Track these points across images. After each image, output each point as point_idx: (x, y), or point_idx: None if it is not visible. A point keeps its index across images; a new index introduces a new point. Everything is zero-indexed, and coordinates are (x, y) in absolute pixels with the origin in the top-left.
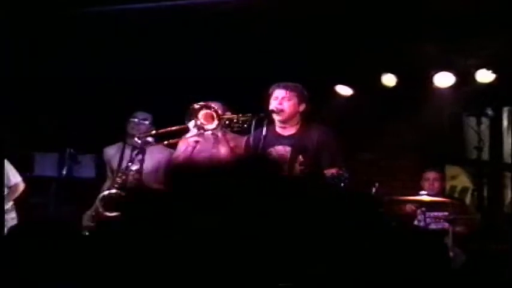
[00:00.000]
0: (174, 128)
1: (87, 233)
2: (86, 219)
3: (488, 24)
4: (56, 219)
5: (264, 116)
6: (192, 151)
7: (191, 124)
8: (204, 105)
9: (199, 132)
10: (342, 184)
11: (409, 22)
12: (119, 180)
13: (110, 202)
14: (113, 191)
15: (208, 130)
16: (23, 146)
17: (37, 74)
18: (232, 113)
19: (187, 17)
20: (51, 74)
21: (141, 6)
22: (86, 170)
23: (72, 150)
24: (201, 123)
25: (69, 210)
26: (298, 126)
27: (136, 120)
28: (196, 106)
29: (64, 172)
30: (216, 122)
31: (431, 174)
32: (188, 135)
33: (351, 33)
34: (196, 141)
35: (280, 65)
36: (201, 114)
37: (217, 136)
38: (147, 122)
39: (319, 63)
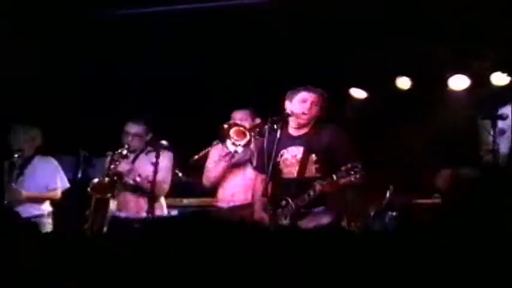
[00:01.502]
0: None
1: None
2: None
3: (503, 27)
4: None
5: (278, 118)
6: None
7: (228, 143)
8: (233, 123)
9: (234, 149)
10: (357, 176)
11: (423, 25)
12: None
13: (98, 187)
14: (103, 178)
15: (241, 145)
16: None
17: (52, 75)
18: (262, 119)
19: (199, 20)
20: (66, 75)
21: (153, 10)
22: (101, 173)
23: (86, 154)
24: (235, 140)
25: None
26: (309, 127)
27: (129, 136)
28: (226, 125)
29: (79, 175)
30: (247, 138)
31: None
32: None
33: (365, 35)
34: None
35: (296, 67)
36: (232, 132)
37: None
38: (140, 136)
39: (334, 66)
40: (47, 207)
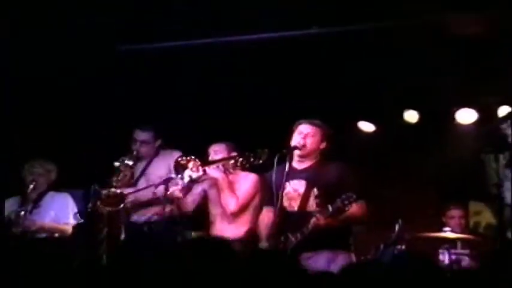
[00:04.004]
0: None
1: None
2: None
3: (510, 60)
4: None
5: (286, 152)
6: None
7: (186, 173)
8: (191, 158)
9: (190, 179)
10: (350, 206)
11: (430, 59)
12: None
13: (107, 199)
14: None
15: (197, 175)
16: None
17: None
18: (239, 152)
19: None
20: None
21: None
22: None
23: (97, 187)
24: (193, 170)
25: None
26: (315, 161)
27: (138, 143)
28: (184, 159)
29: (98, 204)
30: (201, 172)
31: (457, 212)
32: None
33: (373, 69)
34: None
35: (304, 100)
36: (191, 164)
37: (218, 181)
38: (148, 143)
39: (342, 99)
40: None
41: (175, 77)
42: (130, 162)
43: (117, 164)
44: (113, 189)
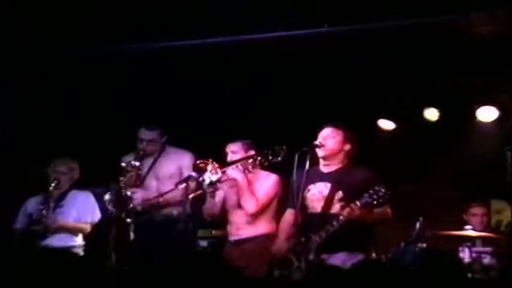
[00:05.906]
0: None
1: None
2: None
3: None
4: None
5: (307, 150)
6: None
7: (207, 175)
8: (209, 161)
9: (210, 181)
10: (381, 200)
11: (451, 57)
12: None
13: (114, 201)
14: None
15: (217, 177)
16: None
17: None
18: (257, 151)
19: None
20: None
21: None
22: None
23: (117, 187)
24: (212, 173)
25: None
26: (341, 165)
27: (144, 143)
28: (202, 162)
29: (110, 208)
30: (219, 174)
31: (479, 209)
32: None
33: (393, 68)
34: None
35: (325, 100)
36: (210, 167)
37: (238, 181)
38: (155, 142)
39: (362, 97)
40: (79, 239)
41: (192, 75)
42: (137, 163)
43: (123, 164)
44: (120, 191)
